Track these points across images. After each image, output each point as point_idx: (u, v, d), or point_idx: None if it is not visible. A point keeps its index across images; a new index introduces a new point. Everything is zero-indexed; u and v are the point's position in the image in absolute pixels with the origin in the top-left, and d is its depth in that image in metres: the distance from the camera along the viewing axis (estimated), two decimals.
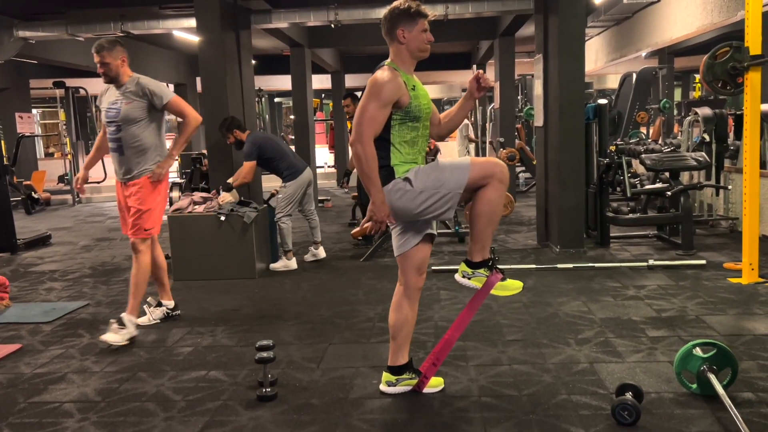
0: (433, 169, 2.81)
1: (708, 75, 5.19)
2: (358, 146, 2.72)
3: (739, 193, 6.44)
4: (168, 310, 4.53)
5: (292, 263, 6.01)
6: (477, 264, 2.92)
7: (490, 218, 2.84)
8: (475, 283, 2.94)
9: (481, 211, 2.83)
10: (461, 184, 2.76)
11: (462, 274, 2.96)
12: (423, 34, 2.82)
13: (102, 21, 8.19)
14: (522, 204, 9.86)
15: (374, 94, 2.72)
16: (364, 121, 2.72)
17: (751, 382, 3.03)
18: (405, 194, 2.78)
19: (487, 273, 2.92)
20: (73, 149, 13.45)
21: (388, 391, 3.06)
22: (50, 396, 3.23)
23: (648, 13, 10.72)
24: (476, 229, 2.88)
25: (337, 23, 8.01)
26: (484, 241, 2.90)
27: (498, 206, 2.85)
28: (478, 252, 2.91)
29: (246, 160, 5.88)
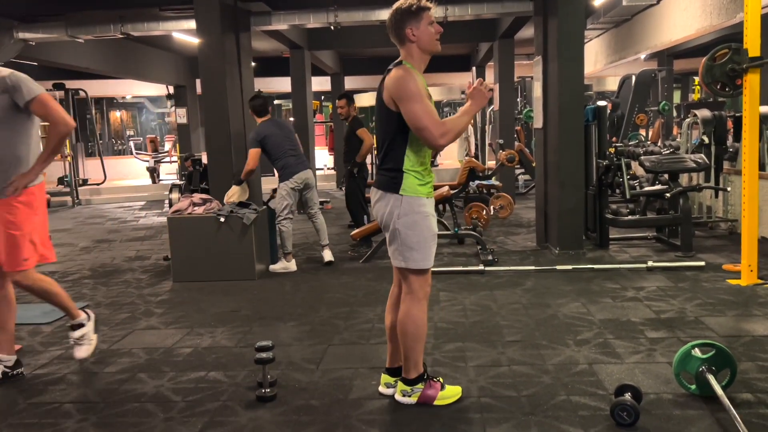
0: (425, 235, 2.82)
1: (707, 77, 5.20)
2: (445, 137, 2.68)
3: (738, 195, 6.44)
4: (6, 367, 3.47)
5: (291, 265, 5.99)
6: (414, 381, 2.93)
7: (415, 335, 2.85)
8: (415, 399, 2.94)
9: (405, 330, 2.85)
10: (421, 264, 2.83)
11: (401, 393, 2.96)
12: (431, 27, 2.79)
13: (102, 23, 8.20)
14: (521, 206, 9.87)
15: (413, 91, 2.66)
16: (423, 119, 2.65)
17: (750, 383, 3.03)
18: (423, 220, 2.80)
19: (423, 386, 2.93)
20: (73, 151, 13.46)
21: (387, 393, 3.05)
22: (50, 397, 3.24)
23: (647, 16, 10.74)
24: (405, 348, 2.89)
25: (337, 25, 8.03)
26: (416, 357, 2.90)
27: (423, 321, 2.86)
28: (413, 369, 2.92)
29: (249, 146, 5.92)
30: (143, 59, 13.32)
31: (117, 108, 26.89)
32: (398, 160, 2.79)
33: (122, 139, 25.83)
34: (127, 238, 8.44)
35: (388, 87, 2.74)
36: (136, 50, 12.92)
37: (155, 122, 28.63)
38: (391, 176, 2.80)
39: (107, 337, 4.20)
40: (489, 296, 4.78)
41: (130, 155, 20.02)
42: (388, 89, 2.74)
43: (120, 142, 25.61)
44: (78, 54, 11.11)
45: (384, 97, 2.78)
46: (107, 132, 25.36)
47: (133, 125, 28.29)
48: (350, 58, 15.51)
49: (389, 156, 2.82)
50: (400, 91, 2.69)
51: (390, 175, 2.80)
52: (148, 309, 4.86)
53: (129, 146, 22.50)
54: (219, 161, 6.84)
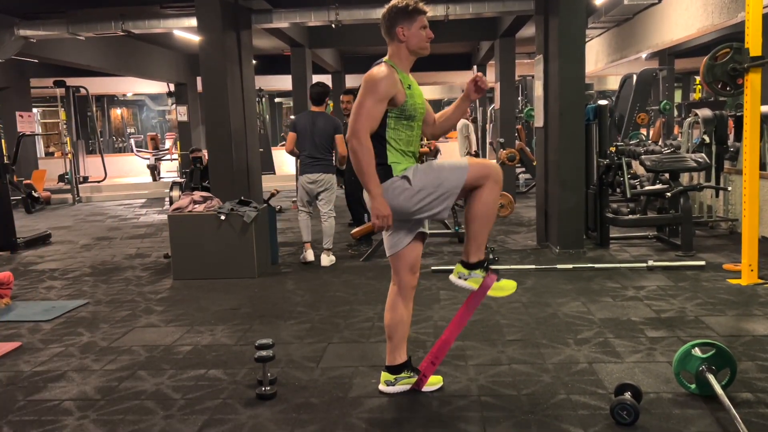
0: (432, 168, 2.82)
1: (708, 76, 5.19)
2: (354, 141, 2.72)
3: (738, 195, 6.44)
4: None
5: (307, 255, 6.20)
6: (473, 265, 2.92)
7: (486, 219, 2.84)
8: (472, 284, 2.92)
9: (477, 211, 2.83)
10: (459, 183, 2.76)
11: (458, 275, 2.95)
12: (422, 31, 2.82)
13: (103, 20, 8.20)
14: (522, 205, 9.87)
15: (370, 89, 2.72)
16: (361, 116, 2.72)
17: (750, 383, 3.03)
18: (403, 192, 2.78)
19: (483, 274, 2.92)
20: (74, 148, 13.47)
21: (387, 391, 3.07)
22: (50, 394, 3.24)
23: (649, 15, 10.73)
24: (472, 230, 2.88)
25: (338, 23, 8.02)
26: (480, 241, 2.89)
27: (494, 207, 2.85)
28: (474, 253, 2.91)
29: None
30: (144, 57, 13.32)
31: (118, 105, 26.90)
32: (382, 155, 2.81)
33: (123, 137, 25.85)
34: (127, 236, 8.44)
35: (364, 78, 2.79)
36: (136, 48, 12.92)
37: (156, 120, 28.65)
38: (379, 171, 2.80)
39: (107, 334, 4.20)
40: (487, 296, 4.77)
41: (130, 153, 20.04)
42: (363, 81, 2.79)
43: (120, 139, 25.63)
44: (79, 51, 11.12)
45: None
46: (108, 129, 25.37)
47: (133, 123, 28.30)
48: (351, 56, 15.50)
49: (374, 151, 2.82)
50: (367, 83, 2.74)
51: (378, 170, 2.80)
52: (148, 306, 4.86)
53: (129, 144, 22.52)
54: (220, 159, 6.84)
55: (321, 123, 6.08)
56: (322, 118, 6.11)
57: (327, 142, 6.11)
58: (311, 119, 6.09)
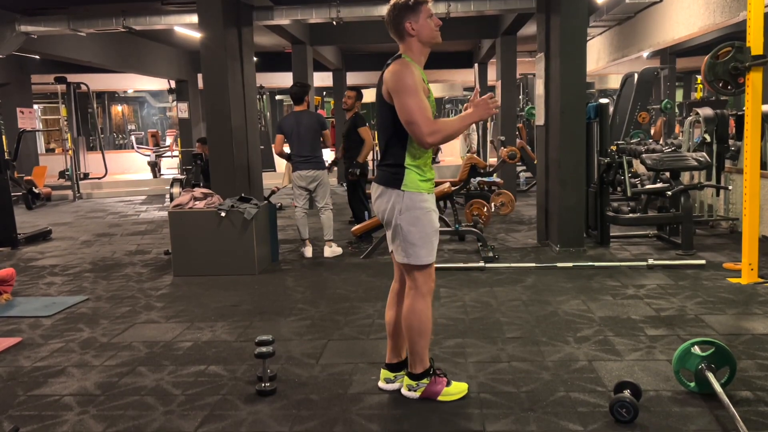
0: (427, 232, 2.82)
1: (709, 75, 5.19)
2: (434, 136, 2.65)
3: (739, 194, 6.44)
4: None
5: (306, 251, 6.32)
6: (419, 375, 2.93)
7: (419, 330, 2.85)
8: (420, 394, 2.94)
9: (409, 324, 2.85)
10: (423, 260, 2.82)
11: (407, 387, 2.96)
12: (430, 20, 2.79)
13: (104, 16, 8.20)
14: (522, 203, 9.87)
15: (405, 89, 2.65)
16: (415, 115, 2.63)
17: (749, 381, 3.03)
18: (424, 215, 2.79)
19: (428, 381, 2.93)
20: (74, 145, 13.46)
21: (386, 388, 3.05)
22: (50, 389, 3.24)
23: (650, 13, 10.72)
24: (410, 343, 2.89)
25: (339, 20, 8.02)
26: (419, 352, 2.90)
27: (425, 315, 2.85)
28: (418, 364, 2.92)
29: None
30: (145, 53, 13.31)
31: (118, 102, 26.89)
32: (399, 155, 2.79)
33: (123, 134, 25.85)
34: (127, 232, 8.45)
35: (386, 81, 2.74)
36: (138, 44, 12.91)
37: (157, 116, 28.63)
38: (392, 172, 2.80)
39: (107, 330, 4.20)
40: (489, 293, 4.78)
41: (131, 149, 20.03)
42: (386, 83, 2.73)
43: (121, 136, 25.62)
44: (80, 47, 11.12)
45: (383, 91, 2.78)
46: (108, 126, 25.36)
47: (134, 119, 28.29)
48: (352, 54, 15.49)
49: (390, 152, 2.82)
50: (396, 84, 2.68)
51: (391, 170, 2.80)
52: (148, 303, 4.86)
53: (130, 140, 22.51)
54: (221, 155, 6.84)
55: (305, 121, 6.18)
56: (306, 117, 6.22)
57: (314, 140, 6.21)
58: (295, 119, 6.20)
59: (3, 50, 8.69)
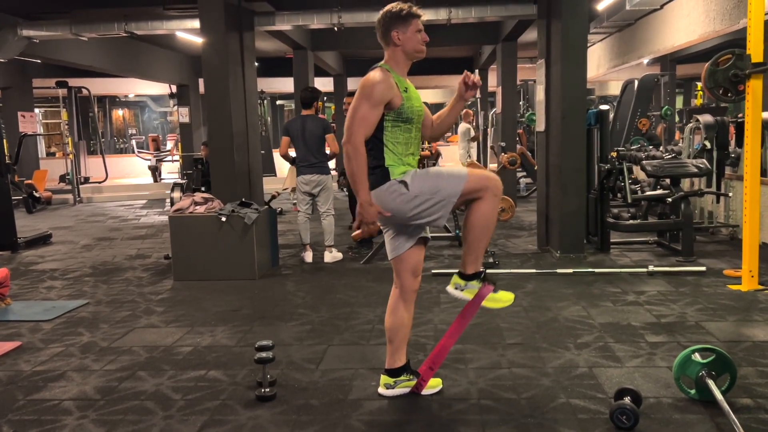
0: (430, 175, 2.82)
1: (709, 81, 5.20)
2: (349, 146, 2.73)
3: (739, 201, 6.44)
4: None
5: (306, 256, 6.35)
6: (469, 276, 2.93)
7: (483, 231, 2.85)
8: (467, 294, 2.94)
9: (474, 223, 2.83)
10: (456, 192, 2.76)
11: (454, 285, 2.96)
12: (417, 35, 2.83)
13: (106, 21, 8.22)
14: (523, 209, 9.87)
15: (366, 94, 2.73)
16: (356, 121, 2.73)
17: (750, 388, 3.03)
18: (399, 196, 2.79)
19: (479, 285, 2.93)
20: (75, 149, 13.47)
21: (386, 394, 3.06)
22: (49, 394, 3.24)
23: (650, 20, 10.75)
24: (469, 241, 2.88)
25: (340, 26, 8.04)
26: (477, 253, 2.89)
27: (492, 219, 2.84)
28: (471, 264, 2.92)
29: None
30: (146, 58, 13.34)
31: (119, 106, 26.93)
32: (380, 157, 2.83)
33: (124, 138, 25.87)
34: (128, 237, 8.45)
35: (359, 85, 2.80)
36: (139, 49, 12.94)
37: (157, 121, 28.67)
38: (377, 174, 2.82)
39: (107, 334, 4.20)
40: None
41: (132, 154, 20.05)
42: (359, 86, 2.80)
43: (122, 140, 25.65)
44: (81, 52, 11.14)
45: None
46: (109, 130, 25.40)
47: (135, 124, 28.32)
48: (353, 59, 15.53)
49: (372, 155, 2.84)
50: (361, 87, 2.75)
51: (376, 172, 2.83)
52: (148, 307, 4.86)
53: (131, 145, 22.54)
54: (221, 160, 6.85)
55: (311, 125, 6.20)
56: (311, 121, 6.24)
57: (319, 144, 6.23)
58: (301, 122, 6.23)
59: (5, 54, 8.71)
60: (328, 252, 6.35)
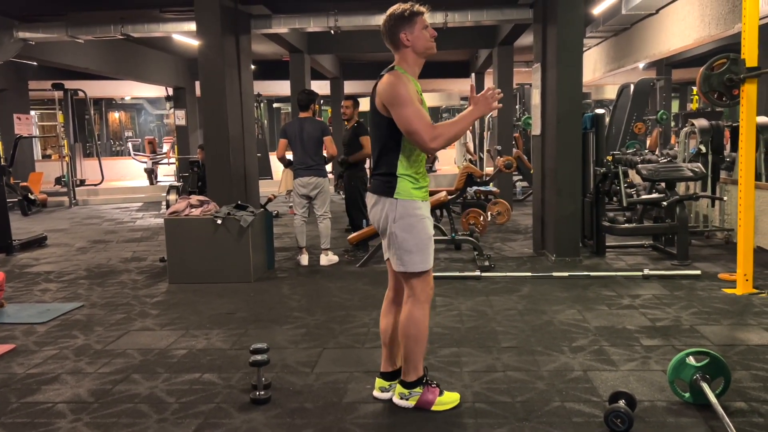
0: (427, 240, 2.83)
1: (704, 86, 5.22)
2: (437, 141, 2.67)
3: (734, 205, 6.46)
4: None
5: (302, 259, 6.35)
6: (412, 384, 2.92)
7: (417, 338, 2.85)
8: (412, 402, 2.93)
9: (406, 332, 2.84)
10: (422, 267, 2.82)
11: (399, 395, 2.95)
12: (425, 32, 2.81)
13: (102, 23, 8.20)
14: (518, 212, 9.89)
15: (400, 100, 2.67)
16: (414, 124, 2.65)
17: (744, 392, 3.04)
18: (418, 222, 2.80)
19: (421, 390, 2.92)
20: (71, 151, 13.45)
21: (381, 397, 3.05)
22: (43, 396, 3.23)
23: (646, 25, 10.79)
24: (404, 350, 2.88)
25: (337, 29, 8.04)
26: (414, 361, 2.89)
27: (424, 325, 2.86)
28: (411, 372, 2.91)
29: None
30: (143, 60, 13.32)
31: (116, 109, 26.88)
32: (391, 164, 2.80)
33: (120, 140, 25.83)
34: (123, 239, 8.43)
35: (380, 93, 2.75)
36: (135, 51, 12.93)
37: (154, 124, 28.62)
38: (385, 181, 2.81)
39: (102, 337, 4.19)
40: (485, 302, 4.78)
41: (128, 156, 20.02)
42: (380, 95, 2.75)
43: (118, 143, 25.60)
44: (78, 54, 11.12)
45: (376, 102, 2.79)
46: (105, 133, 25.35)
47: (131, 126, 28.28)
48: (350, 63, 15.54)
49: (382, 161, 2.83)
50: (391, 96, 2.69)
51: (384, 179, 2.82)
52: (143, 310, 4.85)
53: (127, 147, 22.50)
54: (217, 163, 6.84)
55: (308, 128, 6.22)
56: (309, 123, 6.26)
57: (316, 146, 6.25)
58: (299, 125, 6.25)
59: (1, 57, 8.69)
60: (324, 255, 6.36)
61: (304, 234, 6.37)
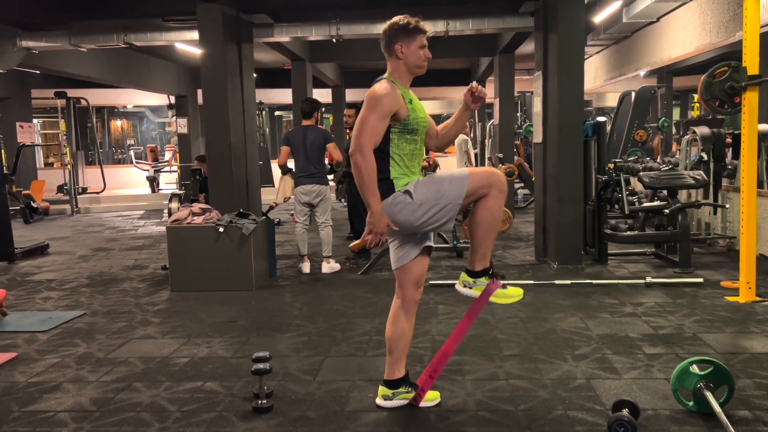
0: (433, 181, 2.83)
1: (706, 94, 5.22)
2: (358, 156, 2.73)
3: (736, 212, 6.46)
4: None
5: (304, 267, 6.34)
6: (478, 273, 2.92)
7: (490, 226, 2.85)
8: (476, 291, 2.93)
9: (481, 219, 2.83)
10: (461, 194, 2.77)
11: (463, 283, 2.96)
12: (420, 51, 2.85)
13: (105, 32, 8.24)
14: (520, 220, 9.88)
15: (373, 105, 2.75)
16: (365, 132, 2.74)
17: (748, 401, 3.02)
18: (405, 207, 2.80)
19: (487, 281, 2.93)
20: (73, 159, 13.48)
21: (384, 405, 3.05)
22: (45, 405, 3.22)
23: (647, 33, 10.81)
24: (476, 238, 2.88)
25: (339, 38, 8.07)
26: (485, 249, 2.90)
27: (498, 215, 2.85)
28: (479, 261, 2.92)
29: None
30: (145, 69, 13.37)
31: (118, 117, 26.96)
32: (385, 170, 2.83)
33: (122, 148, 25.88)
34: (125, 247, 8.43)
35: (366, 96, 2.80)
36: (138, 60, 12.98)
37: (156, 132, 28.69)
38: (382, 186, 2.83)
39: (104, 345, 4.18)
40: (487, 310, 4.77)
41: (130, 164, 20.05)
42: (365, 98, 2.80)
43: (120, 151, 25.65)
44: (80, 63, 11.16)
45: None
46: (108, 141, 25.42)
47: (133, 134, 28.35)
48: (351, 71, 15.58)
49: (377, 168, 2.84)
50: (368, 100, 2.76)
51: (381, 185, 2.83)
52: (145, 318, 4.85)
53: (129, 155, 22.55)
54: (219, 171, 6.85)
55: (312, 136, 6.24)
56: (312, 131, 6.27)
57: (319, 154, 6.26)
58: (303, 133, 6.26)
59: (4, 65, 8.72)
60: (326, 263, 6.36)
61: (305, 242, 6.37)
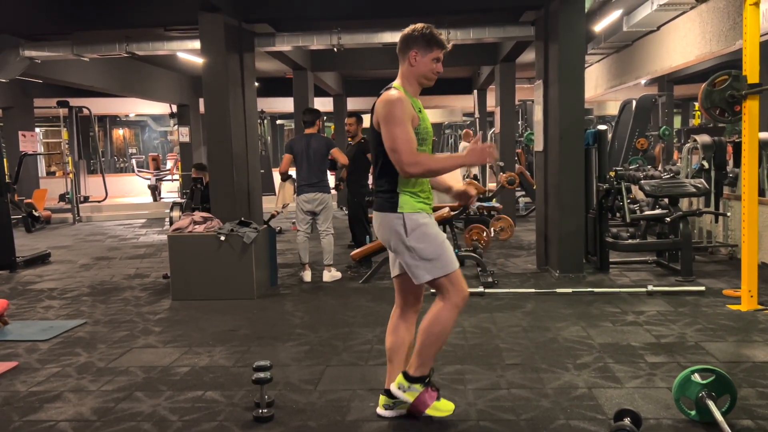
0: (438, 241, 2.83)
1: (706, 102, 5.23)
2: (415, 168, 2.71)
3: (738, 220, 6.45)
4: None
5: (305, 275, 6.33)
6: (414, 378, 2.90)
7: (437, 338, 2.84)
8: (409, 396, 2.90)
9: (430, 331, 2.83)
10: (445, 272, 2.81)
11: (398, 385, 2.93)
12: (433, 63, 2.86)
13: (107, 42, 8.27)
14: (522, 228, 9.87)
15: (393, 118, 2.72)
16: (400, 145, 2.70)
17: (750, 410, 3.01)
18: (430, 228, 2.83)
19: (421, 389, 2.90)
20: (75, 168, 13.50)
21: (385, 415, 3.04)
22: (46, 414, 3.21)
23: (648, 42, 10.84)
24: (422, 345, 2.86)
25: (340, 47, 8.09)
26: (425, 358, 2.88)
27: (448, 330, 2.85)
28: (419, 367, 2.89)
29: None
30: (147, 78, 13.41)
31: (120, 126, 27.05)
32: (392, 181, 2.83)
33: (124, 157, 25.95)
34: (127, 256, 8.44)
35: (376, 110, 2.81)
36: (140, 69, 13.02)
37: (158, 140, 28.77)
38: (387, 198, 2.84)
39: (105, 354, 4.18)
40: (489, 319, 4.77)
41: (131, 173, 20.09)
42: (377, 112, 2.80)
43: (122, 159, 25.72)
44: (83, 72, 11.20)
45: (373, 120, 2.84)
46: (110, 149, 25.49)
47: (135, 143, 28.42)
48: (353, 80, 15.63)
49: (384, 178, 2.86)
50: (384, 113, 2.75)
51: (386, 196, 2.84)
52: (146, 327, 4.84)
53: (131, 164, 22.59)
54: (221, 179, 6.86)
55: (315, 144, 6.28)
56: (315, 140, 6.31)
57: (322, 162, 6.29)
58: (306, 141, 6.30)
59: (7, 75, 8.76)
60: (327, 271, 6.35)
61: (306, 250, 6.37)
